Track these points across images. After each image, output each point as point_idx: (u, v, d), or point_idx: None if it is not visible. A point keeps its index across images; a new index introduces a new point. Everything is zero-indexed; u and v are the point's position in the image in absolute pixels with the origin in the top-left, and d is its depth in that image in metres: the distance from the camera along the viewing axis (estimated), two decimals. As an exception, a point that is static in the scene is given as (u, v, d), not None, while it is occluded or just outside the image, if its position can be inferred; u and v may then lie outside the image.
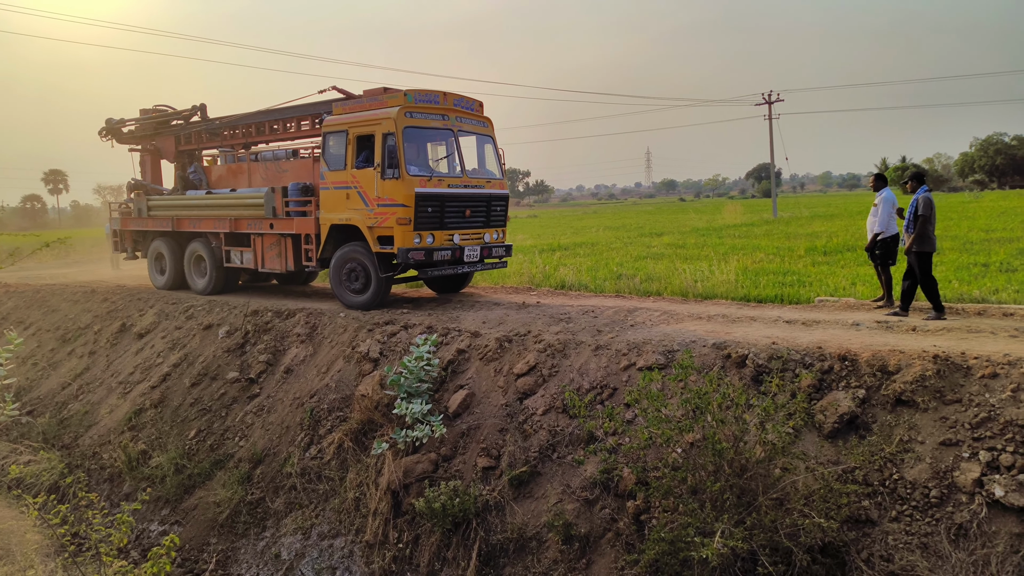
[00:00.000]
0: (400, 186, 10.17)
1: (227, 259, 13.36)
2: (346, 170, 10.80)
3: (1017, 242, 17.45)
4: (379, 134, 10.34)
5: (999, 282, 11.54)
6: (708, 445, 5.72)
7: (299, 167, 12.52)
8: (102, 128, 16.05)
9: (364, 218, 10.58)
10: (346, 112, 11.13)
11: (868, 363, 6.52)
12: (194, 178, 14.63)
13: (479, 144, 11.69)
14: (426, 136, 11.09)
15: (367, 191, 10.51)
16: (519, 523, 6.94)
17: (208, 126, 14.31)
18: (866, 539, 5.55)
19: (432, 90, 10.95)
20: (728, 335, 7.90)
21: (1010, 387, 5.83)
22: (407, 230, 10.24)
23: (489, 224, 11.53)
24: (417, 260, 10.31)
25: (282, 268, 12.25)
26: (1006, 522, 5.21)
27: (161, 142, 15.56)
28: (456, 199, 10.84)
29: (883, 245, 9.42)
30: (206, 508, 9.09)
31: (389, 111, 10.37)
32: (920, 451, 5.78)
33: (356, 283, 11.03)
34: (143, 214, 14.96)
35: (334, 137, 11.08)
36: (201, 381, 10.88)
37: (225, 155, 14.44)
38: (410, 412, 7.92)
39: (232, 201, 12.94)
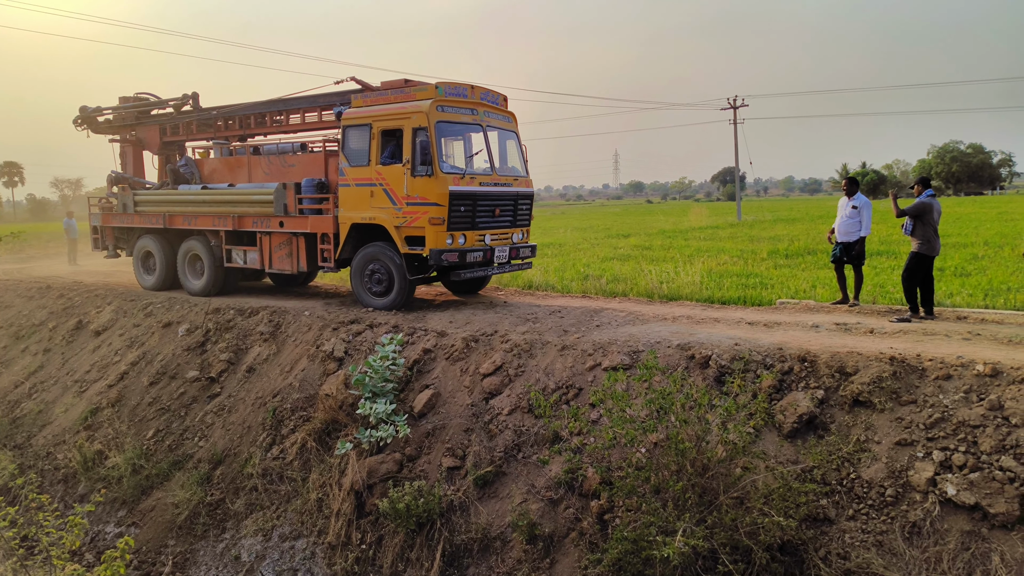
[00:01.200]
0: (433, 184, 9.60)
1: (228, 259, 12.42)
2: (370, 166, 10.19)
3: (971, 247, 17.95)
4: (408, 128, 9.76)
5: (954, 286, 11.86)
6: (671, 445, 5.78)
7: (308, 162, 11.77)
8: (77, 117, 15.07)
9: (391, 217, 9.99)
10: (368, 105, 10.43)
11: (827, 364, 6.65)
12: (185, 172, 13.54)
13: (503, 140, 11.09)
14: (456, 131, 10.50)
15: (394, 189, 9.91)
16: (483, 523, 6.93)
17: (201, 116, 13.41)
18: (824, 537, 5.66)
19: (460, 83, 10.46)
20: (692, 336, 7.99)
21: (963, 389, 5.99)
22: (440, 230, 9.68)
23: (516, 224, 11.04)
24: (451, 262, 9.80)
25: (293, 269, 11.49)
26: (957, 520, 5.35)
27: (144, 132, 14.61)
28: (488, 198, 10.30)
29: (860, 246, 9.78)
30: (164, 509, 8.91)
31: (420, 104, 9.79)
32: (876, 451, 5.91)
33: (379, 285, 10.48)
34: (128, 210, 13.86)
35: (355, 131, 10.39)
36: (160, 380, 10.66)
37: (220, 148, 13.43)
38: (374, 412, 7.86)
39: (235, 197, 12.06)
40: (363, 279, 10.66)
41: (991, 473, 5.37)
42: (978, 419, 5.70)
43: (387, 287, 10.40)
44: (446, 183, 9.63)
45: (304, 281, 14.41)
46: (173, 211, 13.02)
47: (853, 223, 9.74)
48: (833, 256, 10.06)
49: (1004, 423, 5.60)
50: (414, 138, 9.69)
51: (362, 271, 10.63)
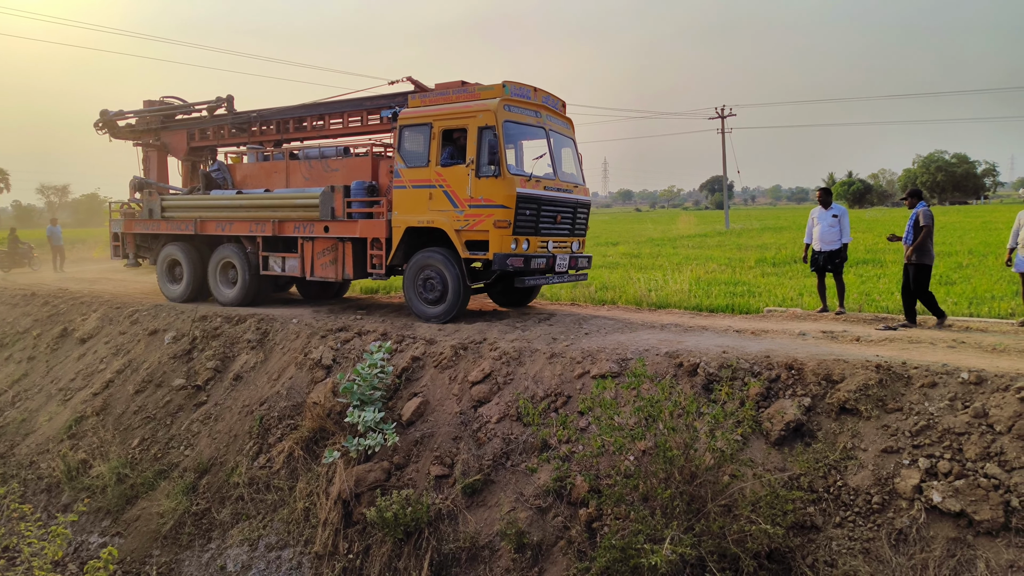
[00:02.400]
0: (500, 185, 9.21)
1: (264, 266, 11.89)
2: (429, 167, 9.79)
3: (956, 256, 18.13)
4: (474, 128, 9.39)
5: (939, 294, 11.94)
6: (659, 453, 5.78)
7: (353, 166, 11.32)
8: (97, 120, 14.68)
9: (451, 221, 9.56)
10: (428, 104, 10.09)
11: (813, 372, 6.68)
12: (218, 177, 13.03)
13: (562, 145, 10.70)
14: (520, 133, 10.08)
15: (456, 191, 9.50)
16: (472, 532, 6.90)
17: (237, 119, 13.01)
18: (811, 545, 5.67)
19: (524, 83, 10.11)
20: (680, 344, 8.01)
21: (948, 396, 6.04)
22: (505, 234, 9.28)
23: (574, 232, 10.68)
24: (516, 267, 9.37)
25: (337, 276, 10.99)
26: (943, 527, 5.38)
27: (169, 137, 14.17)
28: (552, 203, 9.96)
29: (843, 253, 9.96)
30: (149, 519, 8.82)
31: (487, 103, 9.44)
32: (863, 458, 5.93)
33: (432, 293, 10.01)
34: (155, 215, 13.19)
35: (413, 131, 10.03)
36: (146, 388, 10.58)
37: (255, 152, 12.94)
38: (363, 420, 7.82)
39: (276, 202, 11.56)
40: (416, 286, 10.19)
41: (976, 480, 5.40)
42: (963, 426, 5.74)
43: (441, 295, 9.95)
44: (513, 184, 9.26)
45: (338, 293, 13.81)
46: (205, 216, 12.43)
47: (834, 232, 9.89)
48: (815, 264, 10.17)
49: (988, 430, 5.64)
50: (480, 137, 9.34)
51: (415, 278, 10.16)
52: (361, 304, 12.48)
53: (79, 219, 72.23)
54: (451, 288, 9.79)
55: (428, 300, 10.09)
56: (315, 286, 13.21)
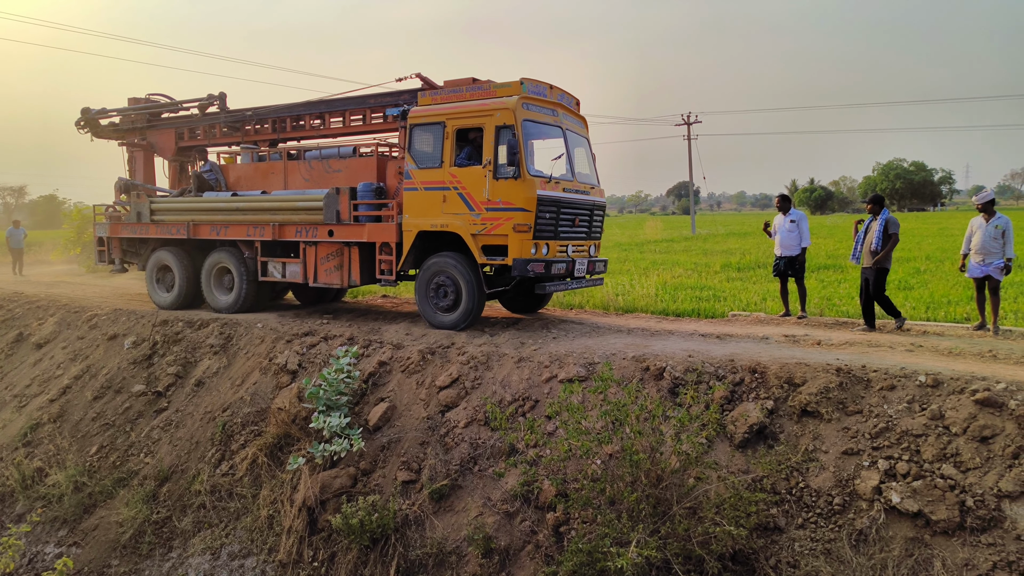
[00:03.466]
0: (520, 188, 8.76)
1: (263, 272, 11.32)
2: (442, 168, 9.32)
3: (914, 261, 18.59)
4: (491, 127, 8.95)
5: (897, 299, 12.22)
6: (626, 456, 5.82)
7: (357, 166, 10.72)
8: (79, 119, 13.99)
9: (467, 224, 9.11)
10: (440, 102, 9.61)
11: (776, 375, 6.79)
12: (210, 178, 12.39)
13: (575, 145, 10.16)
14: (537, 132, 9.55)
15: (472, 193, 9.07)
16: (439, 537, 6.86)
17: (231, 118, 12.39)
18: (774, 546, 5.75)
19: (540, 80, 9.65)
20: (647, 348, 8.07)
21: (906, 399, 6.18)
22: (525, 238, 8.83)
23: (591, 235, 10.23)
24: (537, 273, 8.96)
25: (342, 282, 10.44)
26: (902, 527, 5.50)
27: (156, 136, 13.49)
28: (571, 205, 9.53)
29: (802, 257, 10.19)
30: (107, 528, 8.61)
31: (505, 100, 8.99)
32: (824, 460, 6.04)
33: (446, 299, 9.53)
34: (143, 219, 12.51)
35: (425, 130, 9.57)
36: (104, 394, 10.33)
37: (250, 152, 12.29)
38: (328, 426, 7.73)
39: (276, 204, 10.97)
40: (428, 294, 9.70)
41: (933, 481, 5.53)
42: (920, 428, 5.88)
43: (455, 302, 9.50)
44: (534, 187, 8.83)
45: (335, 297, 13.52)
46: (199, 220, 11.81)
47: (793, 237, 10.08)
48: (776, 270, 10.36)
49: (945, 432, 5.79)
50: (498, 137, 8.95)
51: (427, 285, 9.67)
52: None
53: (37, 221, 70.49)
54: (466, 295, 9.35)
55: (441, 307, 9.64)
56: (312, 291, 12.78)
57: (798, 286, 10.30)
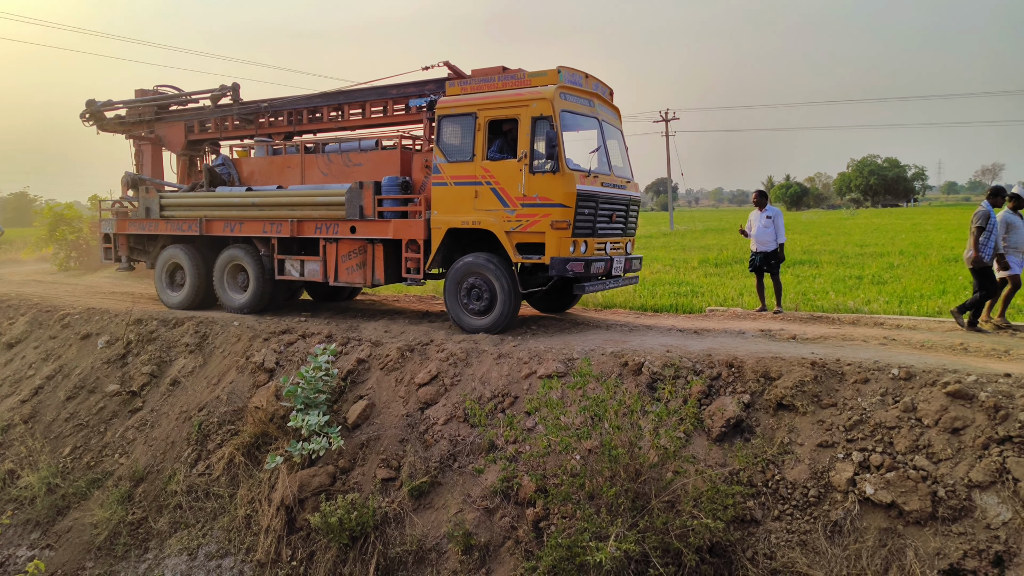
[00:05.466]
0: (558, 182, 8.31)
1: (280, 270, 10.84)
2: (474, 162, 8.83)
3: (888, 256, 18.85)
4: (527, 118, 8.47)
5: (871, 293, 12.42)
6: (605, 451, 5.84)
7: (379, 160, 10.27)
8: (84, 112, 13.45)
9: (501, 221, 8.65)
10: (470, 92, 9.09)
11: (752, 370, 6.86)
12: (222, 172, 11.92)
13: (611, 137, 9.67)
14: (574, 124, 9.03)
15: (507, 188, 8.59)
16: (419, 534, 6.85)
17: (245, 109, 11.87)
18: (751, 538, 5.82)
19: (576, 69, 9.14)
20: (625, 343, 8.11)
21: (879, 392, 6.27)
22: (564, 236, 8.39)
23: (626, 231, 9.81)
24: (576, 272, 8.49)
25: (366, 281, 9.97)
26: (875, 518, 5.59)
27: (165, 129, 12.97)
28: (609, 200, 9.09)
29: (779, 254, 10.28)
30: (82, 530, 8.49)
31: (541, 90, 8.50)
32: (799, 452, 6.12)
33: (478, 302, 9.00)
34: (153, 215, 11.96)
35: (455, 122, 9.05)
36: (78, 394, 10.18)
37: (264, 145, 11.81)
38: (306, 424, 7.68)
39: (295, 199, 10.48)
40: (459, 295, 9.14)
41: (906, 472, 5.63)
42: (894, 420, 5.97)
43: (489, 304, 8.95)
44: (573, 181, 8.36)
45: (350, 295, 13.14)
46: (212, 216, 11.29)
47: (769, 232, 10.19)
48: (753, 265, 10.47)
49: (917, 424, 5.88)
50: (534, 129, 8.45)
51: (458, 285, 9.12)
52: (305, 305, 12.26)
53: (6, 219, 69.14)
54: (500, 296, 8.83)
55: (473, 310, 9.08)
56: (328, 288, 12.39)
57: (774, 281, 10.42)
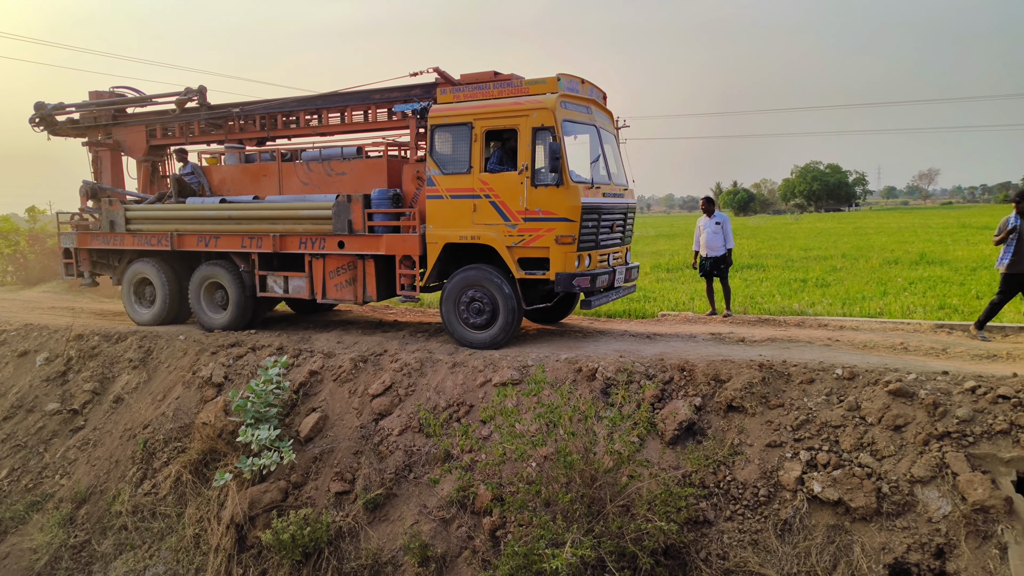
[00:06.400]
0: (562, 196, 8.05)
1: (262, 287, 10.24)
2: (471, 174, 8.50)
3: (831, 260, 19.41)
4: (527, 128, 8.17)
5: (815, 296, 12.76)
6: (560, 458, 5.87)
7: (364, 169, 9.75)
8: (33, 115, 12.45)
9: (501, 236, 8.36)
10: (464, 100, 8.70)
11: (703, 373, 6.97)
12: (191, 181, 11.17)
13: (607, 143, 9.42)
14: (573, 132, 8.73)
15: (507, 201, 8.32)
16: (374, 548, 6.76)
17: (212, 114, 11.16)
18: (704, 539, 5.90)
19: (573, 75, 8.80)
20: (579, 349, 8.17)
21: (824, 392, 6.44)
22: (569, 251, 8.13)
23: (624, 240, 9.55)
24: (582, 287, 8.26)
25: (356, 298, 9.55)
26: (823, 515, 5.73)
27: (124, 134, 12.12)
28: (610, 211, 8.88)
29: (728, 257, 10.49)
30: (20, 556, 8.14)
31: (542, 99, 8.18)
32: (749, 453, 6.24)
33: (479, 316, 8.68)
34: (118, 228, 11.15)
35: (448, 131, 8.66)
36: (15, 414, 9.77)
37: (236, 152, 11.13)
38: (257, 439, 7.51)
39: (274, 213, 9.86)
40: (458, 310, 8.82)
41: (851, 470, 5.79)
42: (839, 419, 6.14)
43: (490, 319, 8.67)
44: (578, 194, 8.10)
45: (331, 307, 12.63)
46: (184, 229, 10.57)
47: (718, 238, 10.41)
48: (703, 270, 10.66)
49: (861, 422, 6.06)
50: (534, 140, 8.20)
51: (457, 300, 8.81)
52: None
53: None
54: (503, 311, 8.54)
55: (473, 324, 8.77)
56: (309, 301, 11.42)
57: (723, 286, 10.63)
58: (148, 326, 11.03)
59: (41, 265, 19.56)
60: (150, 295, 11.33)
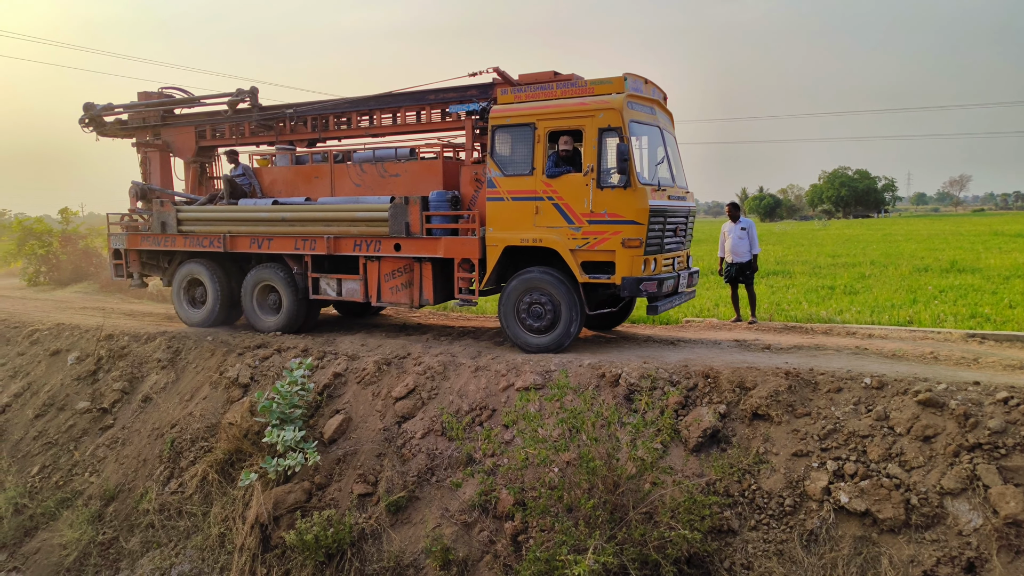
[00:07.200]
0: (630, 198, 7.90)
1: (315, 289, 10.19)
2: (533, 176, 8.36)
3: (859, 267, 19.13)
4: (593, 129, 8.04)
5: (843, 303, 12.59)
6: (583, 463, 5.84)
7: (417, 171, 9.66)
8: (82, 116, 12.49)
9: (565, 239, 8.23)
10: (527, 100, 8.56)
11: (728, 380, 6.91)
12: (243, 183, 11.20)
13: (671, 145, 9.30)
14: (639, 133, 8.52)
15: (571, 204, 8.18)
16: (396, 550, 6.79)
17: (264, 116, 11.13)
18: (728, 548, 5.84)
19: (638, 75, 8.63)
20: (602, 355, 8.14)
21: (852, 401, 6.35)
22: (637, 254, 7.96)
23: (685, 244, 9.37)
24: (650, 292, 8.09)
25: (413, 302, 9.43)
26: (850, 526, 5.64)
27: (173, 135, 12.14)
28: (675, 214, 8.72)
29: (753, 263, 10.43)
30: (50, 551, 8.30)
31: (609, 99, 8.05)
32: (775, 462, 6.16)
33: (539, 320, 8.55)
34: (169, 229, 11.16)
35: (510, 132, 8.55)
36: (47, 412, 9.97)
37: (288, 154, 11.14)
38: (282, 440, 7.59)
39: (329, 215, 9.79)
40: (517, 313, 8.69)
41: (879, 480, 5.69)
42: (867, 429, 6.04)
43: (551, 323, 8.52)
44: (646, 196, 7.95)
45: (378, 310, 12.52)
46: (237, 231, 10.53)
47: (744, 244, 10.33)
48: (728, 276, 10.58)
49: (890, 432, 5.96)
50: (601, 141, 8.06)
51: (516, 303, 8.68)
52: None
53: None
54: (564, 315, 8.41)
55: (533, 328, 8.64)
56: (356, 304, 11.65)
57: (748, 292, 10.53)
58: (199, 327, 11.07)
59: (73, 266, 19.95)
60: (201, 296, 11.33)
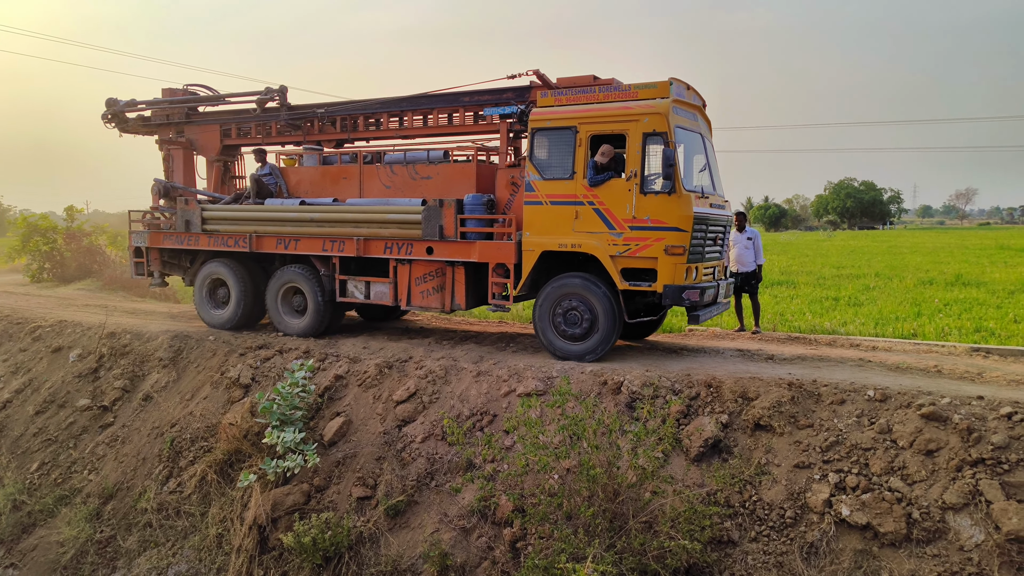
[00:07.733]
0: (674, 204, 7.74)
1: (342, 292, 9.94)
2: (574, 180, 8.20)
3: (864, 278, 19.08)
4: (636, 133, 7.90)
5: (847, 315, 12.55)
6: (583, 471, 5.82)
7: (450, 174, 9.44)
8: (105, 112, 12.37)
9: (605, 244, 8.04)
10: (568, 103, 8.42)
11: (731, 390, 6.88)
12: (269, 182, 11.00)
13: (711, 152, 9.18)
14: (682, 139, 8.25)
15: (612, 209, 8.01)
16: (394, 555, 6.76)
17: (292, 115, 10.98)
18: (728, 559, 5.80)
19: (680, 79, 8.46)
20: (605, 362, 8.12)
21: (855, 413, 6.31)
22: (679, 262, 7.80)
23: (722, 254, 9.19)
24: (692, 301, 7.93)
25: (444, 306, 9.20)
26: (851, 539, 5.60)
27: (198, 133, 11.99)
28: (716, 222, 8.57)
29: (757, 275, 10.40)
30: (47, 548, 8.28)
31: (654, 104, 7.91)
32: (776, 473, 6.13)
33: (576, 326, 8.37)
34: (194, 228, 10.93)
35: (549, 135, 8.40)
36: (47, 409, 9.97)
37: (315, 154, 10.95)
38: (282, 441, 7.58)
39: (359, 216, 9.56)
40: (552, 318, 8.53)
41: (881, 494, 5.65)
42: (869, 442, 6.01)
43: (588, 330, 8.32)
44: (690, 203, 7.80)
45: (402, 313, 12.22)
46: (263, 231, 10.30)
47: (749, 253, 10.30)
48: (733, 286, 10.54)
49: (892, 445, 5.93)
50: (645, 146, 7.93)
51: (552, 309, 8.52)
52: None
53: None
54: (603, 323, 8.22)
55: (568, 335, 8.45)
56: (379, 308, 11.32)
57: (752, 302, 10.50)
58: (221, 328, 10.88)
59: (77, 263, 20.00)
60: (223, 296, 11.07)
